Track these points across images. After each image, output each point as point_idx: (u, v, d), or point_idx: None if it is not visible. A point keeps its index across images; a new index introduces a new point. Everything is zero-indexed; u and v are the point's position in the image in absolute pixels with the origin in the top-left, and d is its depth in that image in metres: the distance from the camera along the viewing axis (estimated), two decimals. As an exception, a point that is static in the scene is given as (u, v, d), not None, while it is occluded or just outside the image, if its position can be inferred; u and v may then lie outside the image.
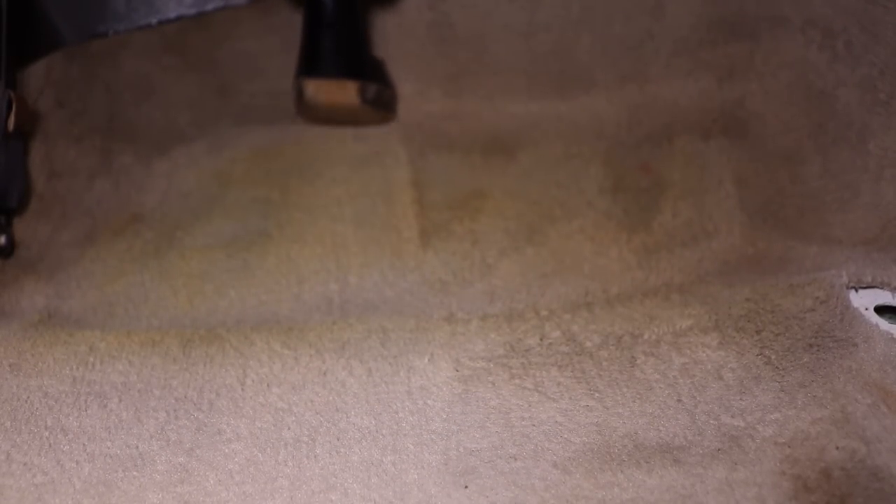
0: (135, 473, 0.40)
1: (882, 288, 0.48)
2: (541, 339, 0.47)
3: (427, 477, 0.39)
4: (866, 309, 0.47)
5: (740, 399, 0.42)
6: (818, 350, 0.44)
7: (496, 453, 0.40)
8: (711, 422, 0.41)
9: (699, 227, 0.61)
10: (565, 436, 0.41)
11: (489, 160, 0.70)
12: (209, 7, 0.76)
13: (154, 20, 0.76)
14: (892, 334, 0.44)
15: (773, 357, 0.44)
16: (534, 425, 0.42)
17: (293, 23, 0.75)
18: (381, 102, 0.73)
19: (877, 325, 0.45)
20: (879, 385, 0.41)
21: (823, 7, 0.63)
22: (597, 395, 0.43)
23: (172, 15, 0.76)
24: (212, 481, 0.40)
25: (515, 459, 0.40)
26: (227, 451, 0.41)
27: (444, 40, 0.76)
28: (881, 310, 0.47)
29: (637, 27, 0.73)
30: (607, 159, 0.69)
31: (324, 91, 0.71)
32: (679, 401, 0.43)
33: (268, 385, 0.45)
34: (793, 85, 0.65)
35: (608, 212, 0.64)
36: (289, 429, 0.42)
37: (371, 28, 0.76)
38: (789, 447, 0.39)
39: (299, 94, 0.71)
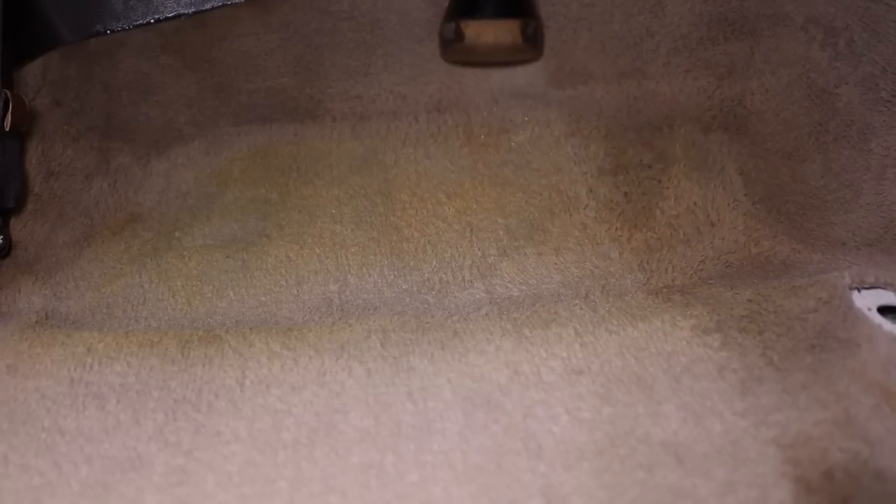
0: (133, 475, 0.40)
1: (885, 288, 0.47)
2: (542, 337, 0.47)
3: (427, 478, 0.39)
4: (869, 309, 0.47)
5: (742, 400, 0.42)
6: (821, 351, 0.44)
7: (498, 452, 0.40)
8: (714, 422, 0.41)
9: (703, 216, 0.60)
10: (568, 434, 0.41)
11: (488, 151, 0.70)
12: (207, 6, 0.76)
13: (152, 19, 0.75)
14: (895, 335, 0.44)
15: (775, 358, 0.44)
16: (536, 424, 0.42)
17: (291, 21, 0.75)
18: (537, 37, 0.69)
19: (880, 326, 0.45)
20: (882, 386, 0.41)
21: (825, 5, 0.63)
22: (600, 394, 0.43)
23: (170, 14, 0.75)
24: (210, 483, 0.40)
25: (517, 458, 0.40)
26: (225, 452, 0.41)
27: None
28: (884, 310, 0.47)
29: (637, 25, 0.73)
30: (608, 134, 0.68)
31: (485, 32, 0.66)
32: (681, 400, 0.42)
33: (267, 386, 0.45)
34: (794, 83, 0.65)
35: (609, 199, 0.63)
36: (288, 430, 0.42)
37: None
38: (792, 449, 0.39)
39: (457, 37, 0.66)
